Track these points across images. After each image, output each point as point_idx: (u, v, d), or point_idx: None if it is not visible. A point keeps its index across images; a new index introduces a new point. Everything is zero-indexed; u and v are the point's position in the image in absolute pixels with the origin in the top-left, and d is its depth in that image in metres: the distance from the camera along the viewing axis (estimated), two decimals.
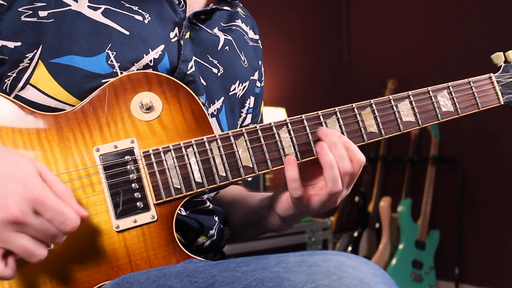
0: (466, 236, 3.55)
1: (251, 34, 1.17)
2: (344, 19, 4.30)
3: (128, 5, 0.92)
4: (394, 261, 3.36)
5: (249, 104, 1.13)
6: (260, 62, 1.19)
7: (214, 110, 1.03)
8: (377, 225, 3.67)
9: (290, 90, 3.81)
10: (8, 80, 0.87)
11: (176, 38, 0.96)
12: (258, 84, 1.17)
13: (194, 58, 0.98)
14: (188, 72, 0.95)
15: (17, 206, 0.68)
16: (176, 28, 0.96)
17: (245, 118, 1.13)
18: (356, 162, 0.89)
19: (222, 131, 1.04)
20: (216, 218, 1.06)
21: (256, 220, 1.06)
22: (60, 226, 0.71)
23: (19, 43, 0.85)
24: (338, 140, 0.88)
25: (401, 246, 3.41)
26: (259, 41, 1.21)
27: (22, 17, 0.85)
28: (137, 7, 0.93)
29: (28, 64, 0.86)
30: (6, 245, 0.69)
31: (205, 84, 1.00)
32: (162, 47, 0.93)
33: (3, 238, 0.68)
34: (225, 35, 1.07)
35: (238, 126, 1.12)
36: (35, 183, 0.70)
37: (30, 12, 0.86)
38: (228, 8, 1.06)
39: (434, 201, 3.53)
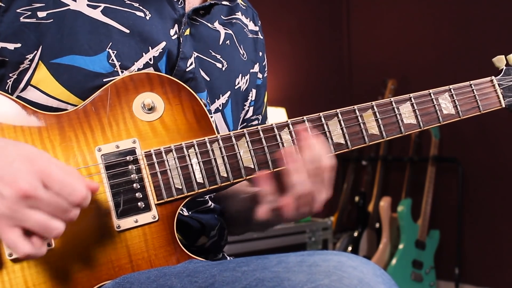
0: (466, 236, 3.55)
1: (251, 26, 1.17)
2: (344, 19, 4.30)
3: (129, 2, 0.92)
4: (394, 261, 3.36)
5: (251, 97, 1.13)
6: (261, 53, 1.18)
7: (219, 105, 1.03)
8: (377, 225, 3.67)
9: (290, 90, 3.81)
10: (10, 81, 0.87)
11: (176, 36, 0.96)
12: (259, 75, 1.17)
13: (196, 54, 0.98)
14: (187, 69, 0.95)
15: (26, 180, 0.68)
16: (176, 25, 0.96)
17: (247, 111, 1.13)
18: (325, 167, 0.87)
19: (227, 125, 1.05)
20: (218, 218, 1.07)
21: (243, 221, 1.08)
22: (69, 198, 0.70)
23: (19, 45, 0.85)
24: (313, 143, 0.87)
25: (401, 246, 3.41)
26: (259, 32, 1.20)
27: (21, 18, 0.85)
28: (137, 4, 0.93)
29: (28, 65, 0.86)
30: (23, 223, 0.69)
31: (208, 79, 1.01)
32: (163, 44, 0.93)
33: (18, 216, 0.68)
34: (225, 29, 1.07)
35: (241, 120, 1.12)
36: (40, 158, 0.71)
37: (29, 13, 0.86)
38: (227, 3, 1.06)
39: (434, 201, 3.53)
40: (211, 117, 1.00)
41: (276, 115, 3.21)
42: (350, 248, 3.60)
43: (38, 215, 0.69)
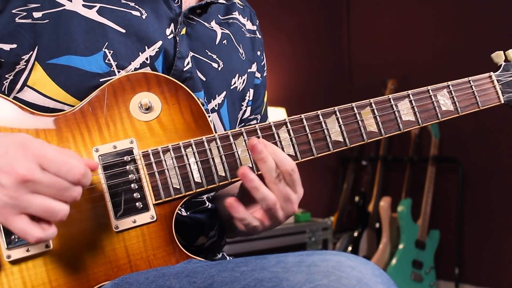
0: (466, 236, 3.54)
1: (248, 25, 1.17)
2: (344, 19, 4.30)
3: (124, 1, 0.92)
4: (394, 261, 3.36)
5: (248, 96, 1.13)
6: (259, 52, 1.18)
7: (215, 105, 1.03)
8: (377, 225, 3.67)
9: (290, 90, 3.81)
10: (6, 82, 0.87)
11: (172, 35, 0.95)
12: (257, 75, 1.17)
13: (192, 54, 0.98)
14: (184, 69, 0.95)
15: (23, 166, 0.68)
16: (172, 24, 0.96)
17: (245, 111, 1.13)
18: (284, 172, 0.86)
19: (223, 125, 1.04)
20: (217, 218, 1.06)
21: (228, 226, 1.06)
22: (68, 176, 0.70)
23: (14, 45, 0.85)
24: (265, 154, 0.85)
25: (401, 246, 3.41)
26: (257, 31, 1.20)
27: (16, 18, 0.85)
28: (133, 3, 0.93)
29: (24, 66, 0.86)
30: (26, 209, 0.69)
31: (204, 79, 1.00)
32: (159, 44, 0.93)
33: (21, 203, 0.68)
34: (222, 29, 1.07)
35: (238, 120, 1.12)
36: (34, 143, 0.71)
37: (25, 13, 0.86)
38: (224, 1, 1.06)
39: (434, 201, 3.53)
40: (209, 116, 1.00)
41: (276, 115, 3.20)
42: (350, 248, 3.60)
43: (40, 199, 0.69)
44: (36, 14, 0.86)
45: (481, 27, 3.42)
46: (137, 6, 0.93)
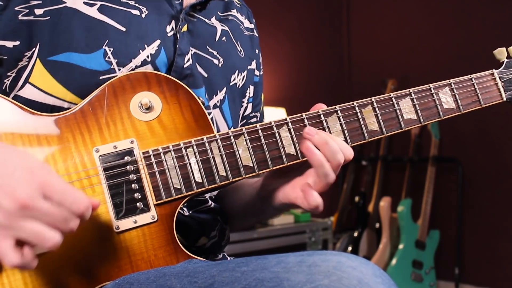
0: (466, 236, 3.55)
1: (246, 24, 1.18)
2: (344, 19, 4.30)
3: (124, 0, 0.92)
4: (394, 261, 3.36)
5: (249, 93, 1.13)
6: (257, 50, 1.19)
7: (217, 101, 1.03)
8: (377, 225, 3.67)
9: (290, 90, 3.81)
10: (8, 80, 0.87)
11: (172, 32, 0.96)
12: (256, 73, 1.17)
13: (193, 50, 0.98)
14: (185, 66, 0.95)
15: (25, 191, 0.67)
16: (173, 22, 0.96)
17: (246, 108, 1.13)
18: (347, 156, 0.90)
19: (226, 122, 1.04)
20: (219, 218, 1.06)
21: (255, 211, 1.07)
22: (71, 207, 0.69)
23: (17, 42, 0.85)
24: (327, 136, 0.88)
25: (401, 246, 3.41)
26: (255, 30, 1.21)
27: (19, 16, 0.86)
28: (133, 1, 0.93)
29: (26, 63, 0.86)
30: (17, 233, 0.68)
31: (206, 76, 1.01)
32: (158, 42, 0.93)
33: (14, 227, 0.67)
34: (222, 25, 1.08)
35: (240, 117, 1.12)
36: (42, 169, 0.70)
37: (27, 10, 0.86)
38: None
39: (434, 201, 3.53)
40: (210, 113, 1.00)
41: (276, 115, 3.20)
42: (350, 248, 3.60)
43: (34, 225, 0.68)
44: (38, 11, 0.86)
45: (481, 27, 3.42)
46: (137, 5, 0.93)
